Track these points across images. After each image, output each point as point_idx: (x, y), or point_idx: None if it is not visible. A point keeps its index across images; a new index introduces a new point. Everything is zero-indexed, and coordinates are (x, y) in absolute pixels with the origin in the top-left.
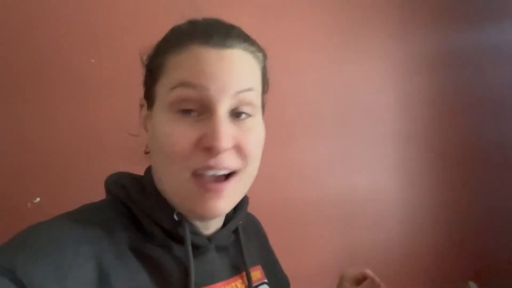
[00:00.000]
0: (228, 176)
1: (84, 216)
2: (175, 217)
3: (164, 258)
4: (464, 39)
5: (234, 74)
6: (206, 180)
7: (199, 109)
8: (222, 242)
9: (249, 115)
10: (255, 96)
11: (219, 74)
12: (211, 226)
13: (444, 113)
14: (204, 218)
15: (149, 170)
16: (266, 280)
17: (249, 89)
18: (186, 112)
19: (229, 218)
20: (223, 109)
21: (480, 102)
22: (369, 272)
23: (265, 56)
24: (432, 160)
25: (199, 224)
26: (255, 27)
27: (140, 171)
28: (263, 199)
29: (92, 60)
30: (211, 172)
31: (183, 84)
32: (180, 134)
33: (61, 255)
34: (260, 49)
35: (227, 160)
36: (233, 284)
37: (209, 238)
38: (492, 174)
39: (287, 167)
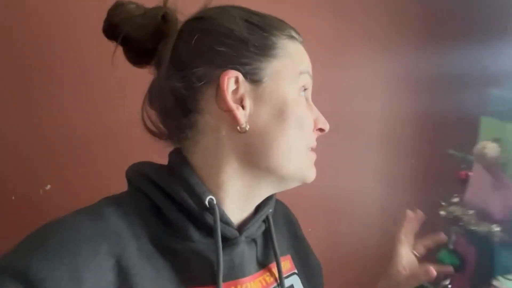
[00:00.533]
0: None
1: (102, 212)
2: (206, 203)
3: (189, 252)
4: (452, 57)
5: None
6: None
7: None
8: (253, 233)
9: None
10: None
11: None
12: (243, 213)
13: (426, 125)
14: (310, 181)
15: (178, 154)
16: (295, 271)
17: None
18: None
19: (258, 206)
20: None
21: (462, 116)
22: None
23: None
24: (412, 166)
25: (231, 212)
26: None
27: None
28: None
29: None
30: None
31: (308, 73)
32: (310, 115)
33: (77, 255)
34: None
35: None
36: (261, 278)
37: (239, 228)
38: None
39: None
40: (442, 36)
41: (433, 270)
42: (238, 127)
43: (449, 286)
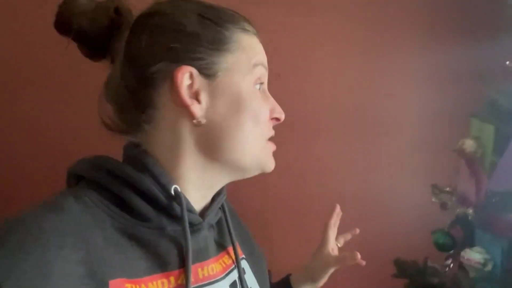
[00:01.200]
0: None
1: (62, 206)
2: (172, 192)
3: (157, 238)
4: (488, 52)
5: None
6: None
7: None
8: (212, 219)
9: None
10: None
11: None
12: (203, 201)
13: (461, 123)
14: (269, 170)
15: (136, 146)
16: (244, 256)
17: None
18: (259, 87)
19: (213, 196)
20: None
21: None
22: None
23: None
24: (447, 166)
25: (193, 200)
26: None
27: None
28: (283, 192)
29: None
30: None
31: (262, 65)
32: (265, 106)
33: (43, 250)
34: None
35: None
36: (220, 260)
37: (200, 215)
38: None
39: (309, 164)
40: (482, 31)
41: (358, 255)
42: (195, 121)
43: (451, 265)
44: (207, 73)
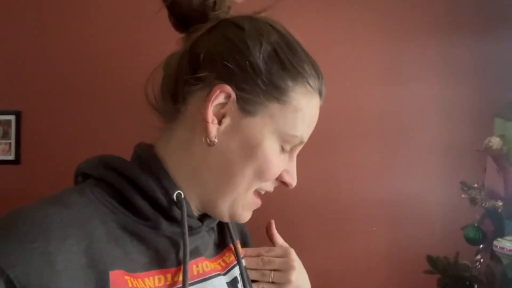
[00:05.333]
0: None
1: (65, 201)
2: (174, 197)
3: (157, 239)
4: (507, 47)
5: None
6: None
7: None
8: (211, 222)
9: None
10: None
11: None
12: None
13: (485, 121)
14: (240, 221)
15: (147, 147)
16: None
17: None
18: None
19: None
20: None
21: None
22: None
23: None
24: (473, 164)
25: (195, 205)
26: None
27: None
28: (318, 197)
29: None
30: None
31: (300, 138)
32: (277, 167)
33: (47, 240)
34: None
35: None
36: (219, 260)
37: (201, 218)
38: None
39: (341, 171)
40: (506, 23)
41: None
42: (203, 137)
43: (481, 260)
44: (244, 107)
